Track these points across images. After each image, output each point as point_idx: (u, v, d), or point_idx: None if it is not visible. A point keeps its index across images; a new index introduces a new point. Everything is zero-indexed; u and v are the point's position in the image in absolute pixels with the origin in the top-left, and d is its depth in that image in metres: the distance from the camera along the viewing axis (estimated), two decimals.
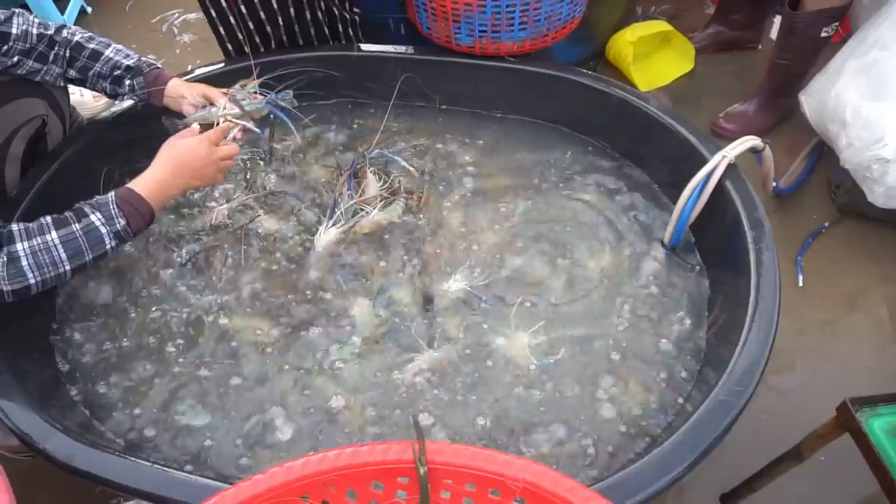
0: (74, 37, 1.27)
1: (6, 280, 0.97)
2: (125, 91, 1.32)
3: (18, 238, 0.99)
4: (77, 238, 1.02)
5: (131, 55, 1.32)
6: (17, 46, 1.20)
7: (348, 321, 1.22)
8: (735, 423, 0.89)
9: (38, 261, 0.99)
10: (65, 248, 1.01)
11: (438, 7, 1.43)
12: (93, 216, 1.03)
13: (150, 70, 1.31)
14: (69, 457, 0.89)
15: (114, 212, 1.04)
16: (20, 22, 1.20)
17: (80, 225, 1.02)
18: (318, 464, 0.71)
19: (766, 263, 1.06)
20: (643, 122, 1.39)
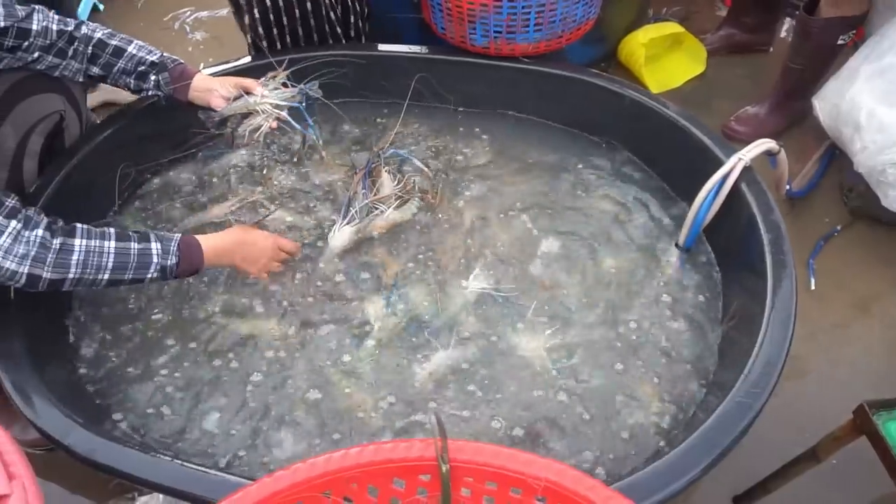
0: (95, 33, 1.28)
1: (51, 266, 0.99)
2: (150, 87, 1.32)
3: (79, 235, 1.02)
4: (130, 255, 1.05)
5: (154, 51, 1.32)
6: (38, 42, 1.21)
7: (363, 320, 1.23)
8: (752, 425, 0.89)
9: (87, 260, 1.02)
10: (115, 258, 1.04)
11: (454, 7, 1.44)
12: (153, 244, 1.07)
13: (174, 65, 1.32)
14: (90, 451, 0.90)
15: (173, 249, 1.09)
16: (40, 18, 1.21)
17: (138, 245, 1.06)
18: (340, 460, 0.71)
19: (783, 266, 1.06)
20: (658, 124, 1.40)
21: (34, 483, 0.65)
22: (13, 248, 0.95)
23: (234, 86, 1.30)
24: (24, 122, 1.25)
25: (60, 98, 1.31)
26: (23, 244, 0.96)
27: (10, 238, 0.95)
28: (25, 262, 0.96)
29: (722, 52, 2.12)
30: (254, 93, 1.28)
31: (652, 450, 1.02)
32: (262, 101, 1.27)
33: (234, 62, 1.57)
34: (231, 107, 1.28)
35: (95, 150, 1.37)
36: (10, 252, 0.95)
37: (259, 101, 1.27)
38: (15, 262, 0.96)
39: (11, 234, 0.95)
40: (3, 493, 0.62)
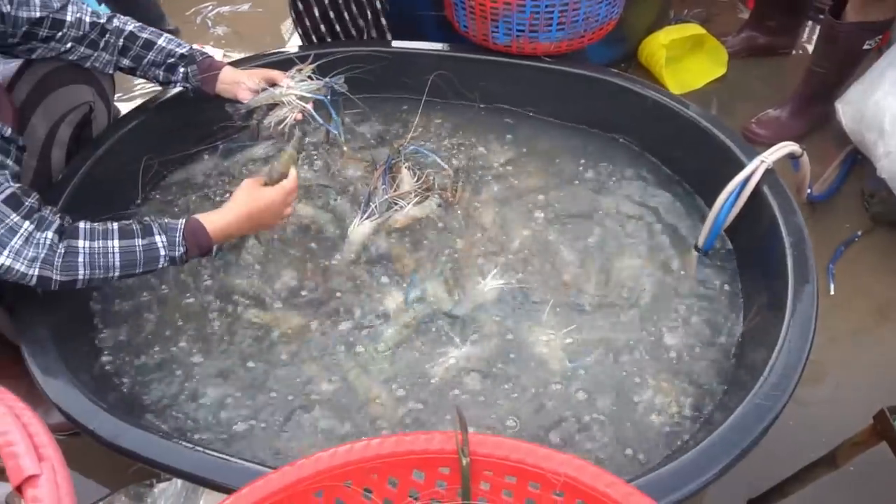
0: (127, 26, 1.30)
1: (58, 270, 0.99)
2: (178, 79, 1.34)
3: (82, 236, 1.02)
4: (136, 252, 1.04)
5: (183, 44, 1.34)
6: (71, 33, 1.23)
7: (381, 314, 1.23)
8: (770, 427, 0.89)
9: (93, 262, 1.02)
10: (121, 257, 1.04)
11: (477, 5, 1.44)
12: (158, 237, 1.06)
13: (203, 58, 1.33)
14: (115, 436, 0.92)
15: (178, 240, 1.07)
16: (74, 10, 1.23)
17: (143, 241, 1.05)
18: (362, 450, 0.72)
19: (804, 269, 1.05)
20: (679, 125, 1.39)
21: (63, 465, 0.66)
22: (24, 250, 0.96)
23: (261, 78, 1.31)
24: (53, 113, 1.28)
25: (90, 89, 1.33)
26: (33, 247, 0.96)
27: (22, 240, 0.96)
28: (35, 265, 0.97)
29: (743, 54, 2.11)
30: (280, 85, 1.30)
31: (669, 449, 1.02)
32: (288, 92, 1.28)
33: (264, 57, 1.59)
34: (257, 99, 1.29)
35: (120, 142, 1.39)
36: (20, 254, 0.96)
37: (285, 93, 1.28)
38: (25, 265, 0.96)
39: (23, 235, 0.96)
40: (34, 473, 0.63)
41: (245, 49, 2.30)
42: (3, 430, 0.67)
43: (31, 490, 0.63)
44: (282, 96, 1.28)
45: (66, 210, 1.22)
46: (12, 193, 0.97)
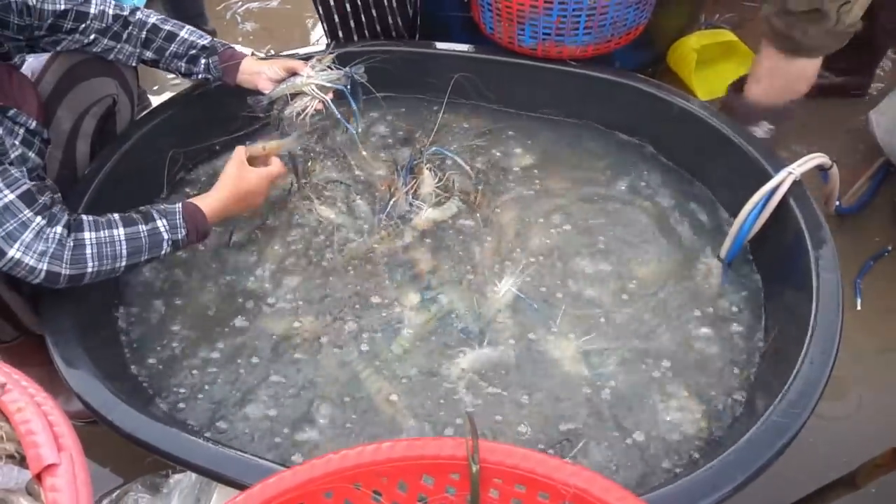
0: (150, 19, 1.32)
1: (68, 264, 1.01)
2: (200, 70, 1.35)
3: (87, 228, 1.04)
4: (140, 238, 1.07)
5: (205, 35, 1.35)
6: (94, 25, 1.25)
7: (397, 316, 1.24)
8: (789, 445, 0.88)
9: (101, 252, 1.04)
10: (127, 245, 1.06)
11: (503, 8, 1.43)
12: (159, 222, 1.09)
13: (224, 49, 1.35)
14: (133, 428, 0.93)
15: (179, 223, 1.10)
16: (98, 2, 1.26)
17: (146, 227, 1.08)
18: (372, 453, 0.72)
19: (829, 284, 1.03)
20: (705, 133, 1.37)
21: (81, 455, 0.68)
22: (34, 244, 0.98)
23: (282, 67, 1.32)
24: (78, 105, 1.30)
25: (114, 82, 1.35)
26: (43, 241, 0.98)
27: (33, 234, 0.98)
28: (44, 260, 0.98)
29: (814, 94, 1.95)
30: (300, 73, 1.31)
31: (683, 463, 1.01)
32: (308, 81, 1.29)
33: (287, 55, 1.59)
34: (278, 89, 1.30)
35: (146, 136, 1.41)
36: (30, 248, 0.97)
37: (305, 82, 1.29)
38: (34, 259, 0.98)
39: (34, 229, 0.98)
40: (52, 462, 0.64)
41: (274, 46, 2.32)
42: (25, 420, 0.69)
43: (49, 479, 0.64)
44: (302, 86, 1.29)
45: (92, 204, 1.25)
46: (27, 190, 0.99)
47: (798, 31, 1.31)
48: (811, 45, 1.33)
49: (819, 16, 1.26)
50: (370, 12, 1.61)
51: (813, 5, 1.26)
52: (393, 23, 1.64)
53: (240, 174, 1.21)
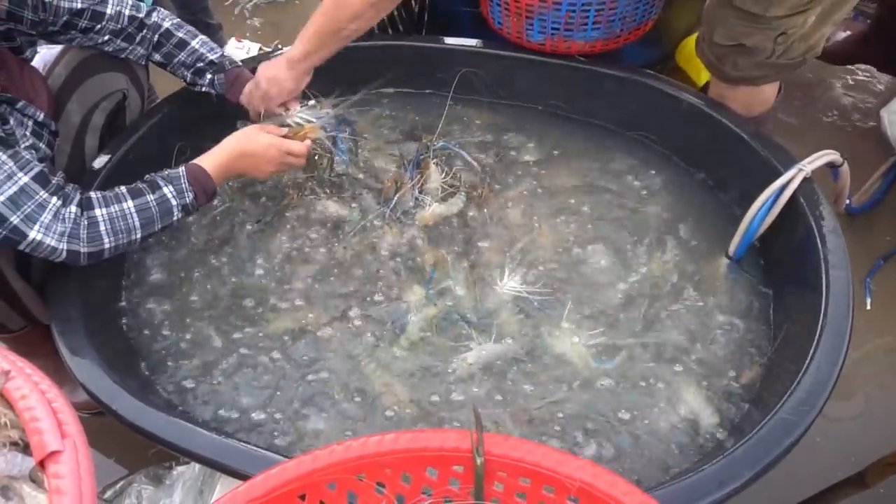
0: (164, 23, 1.32)
1: (85, 242, 1.02)
2: (204, 83, 1.37)
3: (97, 204, 1.05)
4: (150, 208, 1.08)
5: (216, 49, 1.36)
6: (109, 26, 1.26)
7: (402, 310, 1.23)
8: (797, 443, 0.87)
9: (115, 227, 1.05)
10: (139, 216, 1.07)
11: (512, 2, 1.43)
12: (165, 189, 1.09)
13: (231, 68, 1.35)
14: (137, 417, 0.93)
15: (184, 187, 1.11)
16: (115, 2, 1.26)
17: (153, 196, 1.09)
18: (376, 445, 0.72)
19: (840, 281, 1.02)
20: (714, 130, 1.36)
21: (85, 443, 0.68)
22: (53, 225, 0.99)
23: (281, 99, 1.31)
24: (88, 99, 1.31)
25: (124, 77, 1.36)
26: (60, 221, 1.00)
27: (51, 214, 0.99)
28: (63, 240, 1.00)
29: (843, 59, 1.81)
30: (290, 108, 1.31)
31: (691, 460, 1.00)
32: (293, 116, 1.29)
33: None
34: (268, 124, 1.29)
35: (153, 129, 1.42)
36: (49, 228, 0.99)
37: (291, 116, 1.29)
38: (55, 239, 0.99)
39: (52, 210, 0.99)
40: (56, 449, 0.64)
41: (282, 41, 2.32)
42: (29, 407, 0.69)
43: (53, 465, 0.64)
44: (287, 119, 1.30)
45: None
46: (40, 171, 1.00)
47: (727, 63, 1.30)
48: (743, 76, 1.31)
49: (746, 49, 1.24)
50: None
51: (737, 40, 1.24)
52: (398, 16, 1.63)
53: (246, 133, 1.21)
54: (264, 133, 1.22)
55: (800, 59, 1.27)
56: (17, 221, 0.96)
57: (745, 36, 1.22)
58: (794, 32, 1.21)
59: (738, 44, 1.25)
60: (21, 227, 0.97)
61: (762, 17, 1.18)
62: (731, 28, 1.24)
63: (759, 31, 1.21)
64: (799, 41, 1.23)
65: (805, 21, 1.19)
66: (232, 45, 2.19)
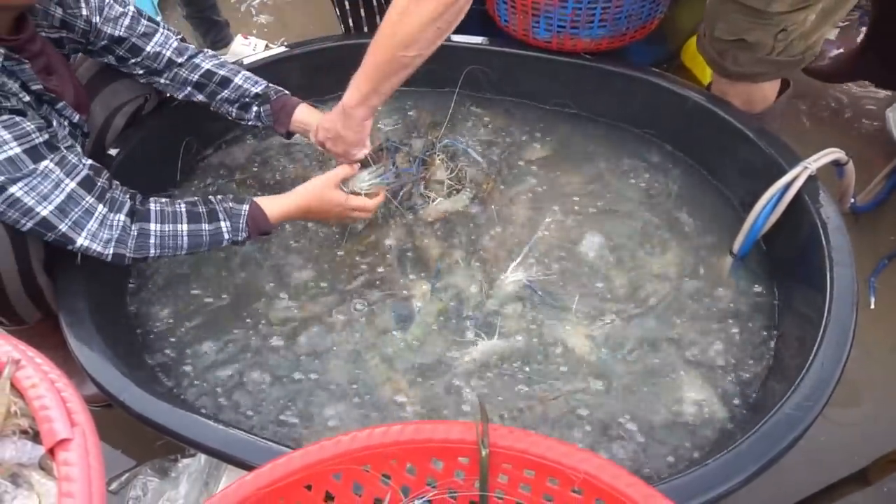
0: (204, 63, 1.31)
1: (132, 250, 1.05)
2: (251, 117, 1.34)
3: (154, 219, 1.06)
4: (202, 236, 1.09)
5: (260, 82, 1.33)
6: (146, 63, 1.27)
7: (408, 305, 1.24)
8: (800, 439, 0.87)
9: (164, 243, 1.07)
10: (189, 239, 1.08)
11: (518, 0, 1.43)
12: (223, 224, 1.10)
13: (277, 97, 1.32)
14: (144, 408, 0.94)
15: (242, 226, 1.11)
16: (158, 42, 1.26)
17: (209, 227, 1.09)
18: (381, 436, 0.72)
19: (844, 279, 1.02)
20: (719, 128, 1.36)
21: (93, 432, 0.68)
22: (99, 232, 1.01)
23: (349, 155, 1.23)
24: (111, 103, 1.33)
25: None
26: (107, 228, 1.02)
27: (97, 222, 1.01)
28: (110, 246, 1.02)
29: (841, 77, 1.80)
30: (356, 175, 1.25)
31: (694, 453, 1.00)
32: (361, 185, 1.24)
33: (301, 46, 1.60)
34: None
35: (162, 123, 1.43)
36: (96, 236, 1.01)
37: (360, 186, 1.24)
38: (101, 245, 1.01)
39: (98, 218, 1.01)
40: (66, 437, 0.65)
41: (288, 38, 2.33)
42: (39, 396, 0.69)
43: (62, 453, 0.65)
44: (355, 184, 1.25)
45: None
46: (86, 176, 1.01)
47: (728, 58, 1.30)
48: (743, 72, 1.30)
49: (747, 45, 1.24)
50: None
51: (739, 35, 1.24)
52: None
53: (323, 191, 1.17)
54: (338, 192, 1.19)
55: (799, 58, 1.27)
56: (66, 229, 0.98)
57: (746, 31, 1.23)
58: (794, 29, 1.21)
59: (738, 39, 1.25)
60: (69, 234, 0.99)
61: (764, 13, 1.18)
62: (732, 23, 1.24)
63: (760, 26, 1.21)
64: (799, 39, 1.23)
65: (806, 18, 1.20)
66: (238, 42, 2.19)
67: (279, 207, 1.15)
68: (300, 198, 1.17)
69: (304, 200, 1.17)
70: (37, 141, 0.95)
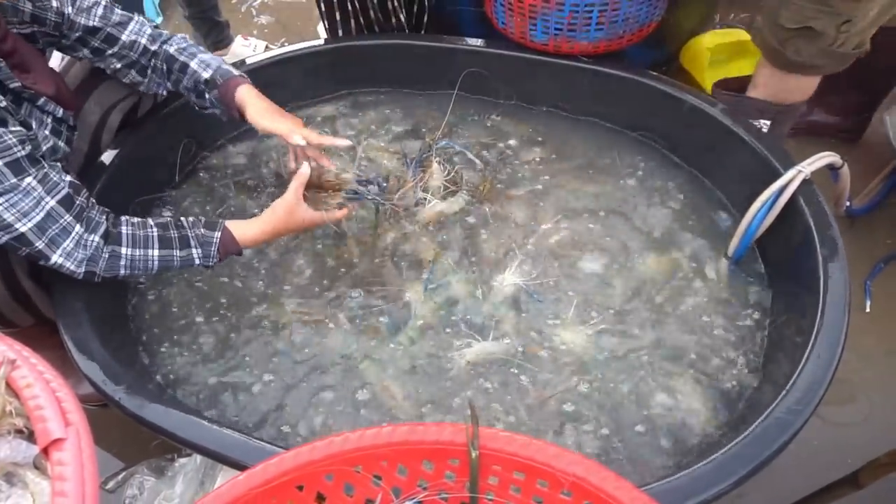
0: (170, 48, 1.26)
1: (102, 270, 1.06)
2: (208, 105, 1.28)
3: (125, 243, 1.07)
4: (173, 260, 1.10)
5: (211, 65, 1.25)
6: (123, 53, 1.24)
7: (402, 307, 1.24)
8: (790, 442, 0.87)
9: (134, 265, 1.08)
10: (159, 263, 1.10)
11: (516, 2, 1.44)
12: (194, 251, 1.11)
13: (223, 81, 1.23)
14: (139, 408, 0.95)
15: (212, 253, 1.11)
16: (133, 30, 1.23)
17: (180, 252, 1.10)
18: (373, 437, 0.73)
19: (837, 284, 1.03)
20: (715, 131, 1.37)
21: (87, 431, 0.69)
22: (74, 252, 1.02)
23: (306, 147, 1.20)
24: (106, 100, 1.33)
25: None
26: (82, 248, 1.02)
27: (73, 242, 1.01)
28: (83, 265, 1.03)
29: (800, 134, 1.80)
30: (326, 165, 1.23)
31: (685, 457, 1.01)
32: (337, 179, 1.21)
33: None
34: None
35: (160, 125, 1.43)
36: (71, 255, 1.02)
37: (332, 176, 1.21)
38: (74, 265, 1.02)
39: (75, 238, 1.01)
40: (59, 436, 0.65)
41: (288, 38, 2.33)
42: (34, 396, 0.70)
43: (56, 453, 0.66)
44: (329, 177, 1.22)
45: (106, 189, 1.27)
46: (66, 194, 1.01)
47: (790, 48, 1.29)
48: (804, 63, 1.30)
49: (812, 34, 1.24)
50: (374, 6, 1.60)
51: (804, 23, 1.23)
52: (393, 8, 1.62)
53: (290, 215, 1.14)
54: (305, 211, 1.16)
55: (854, 52, 1.27)
56: (42, 246, 0.99)
57: (811, 19, 1.22)
58: (857, 21, 1.21)
59: (804, 27, 1.24)
60: (45, 251, 1.00)
61: (829, 1, 1.18)
62: (797, 10, 1.23)
63: (826, 14, 1.20)
64: (857, 34, 1.23)
65: (868, 11, 1.20)
66: (238, 43, 2.20)
67: (251, 234, 1.14)
68: (271, 224, 1.14)
69: (271, 226, 1.14)
70: (18, 154, 0.95)
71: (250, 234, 1.14)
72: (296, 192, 1.14)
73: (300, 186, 1.15)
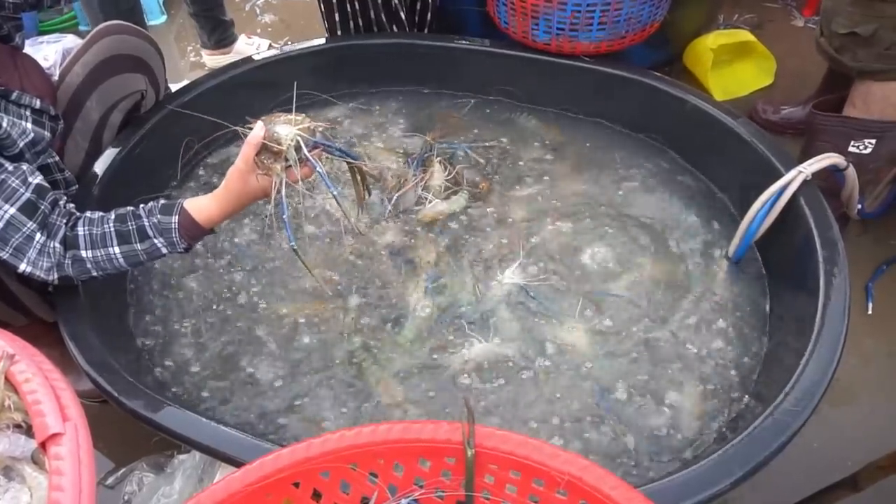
0: None
1: (73, 274, 1.04)
2: None
3: (83, 245, 1.02)
4: (138, 254, 1.05)
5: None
6: None
7: (402, 306, 1.24)
8: (788, 444, 0.87)
9: (101, 266, 1.04)
10: (126, 259, 1.04)
11: (518, 2, 1.44)
12: (156, 240, 1.04)
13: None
14: (138, 404, 0.95)
15: (175, 239, 1.04)
16: None
17: (142, 245, 1.04)
18: (370, 435, 0.73)
19: (836, 285, 1.02)
20: (717, 132, 1.37)
21: (86, 427, 0.69)
22: (39, 261, 1.00)
23: None
24: (107, 99, 1.33)
25: (144, 78, 1.37)
26: (46, 256, 1.00)
27: (36, 251, 0.99)
28: (52, 272, 1.01)
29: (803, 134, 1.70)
30: None
31: (683, 457, 1.01)
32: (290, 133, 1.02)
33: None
34: None
35: (162, 123, 1.44)
36: (36, 264, 1.00)
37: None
38: (43, 273, 1.01)
39: (37, 247, 0.99)
40: (57, 431, 0.66)
41: (292, 37, 2.34)
42: (32, 390, 0.70)
43: (54, 447, 0.66)
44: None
45: (107, 187, 1.27)
46: (27, 200, 0.98)
47: (847, 54, 1.27)
48: (863, 68, 1.27)
49: (862, 39, 1.22)
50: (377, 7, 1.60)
51: (850, 28, 1.22)
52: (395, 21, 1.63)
53: (245, 183, 1.03)
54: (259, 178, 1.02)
55: None
56: (7, 256, 0.97)
57: (858, 24, 1.21)
58: None
59: (851, 32, 1.23)
60: (11, 261, 0.98)
61: (872, 5, 1.18)
62: (847, 16, 1.23)
63: (872, 19, 1.20)
64: None
65: None
66: (242, 42, 2.21)
67: (210, 211, 1.04)
68: (224, 198, 1.04)
69: (229, 199, 1.04)
70: None
71: (210, 212, 1.05)
72: (245, 158, 1.02)
73: (251, 151, 1.01)
